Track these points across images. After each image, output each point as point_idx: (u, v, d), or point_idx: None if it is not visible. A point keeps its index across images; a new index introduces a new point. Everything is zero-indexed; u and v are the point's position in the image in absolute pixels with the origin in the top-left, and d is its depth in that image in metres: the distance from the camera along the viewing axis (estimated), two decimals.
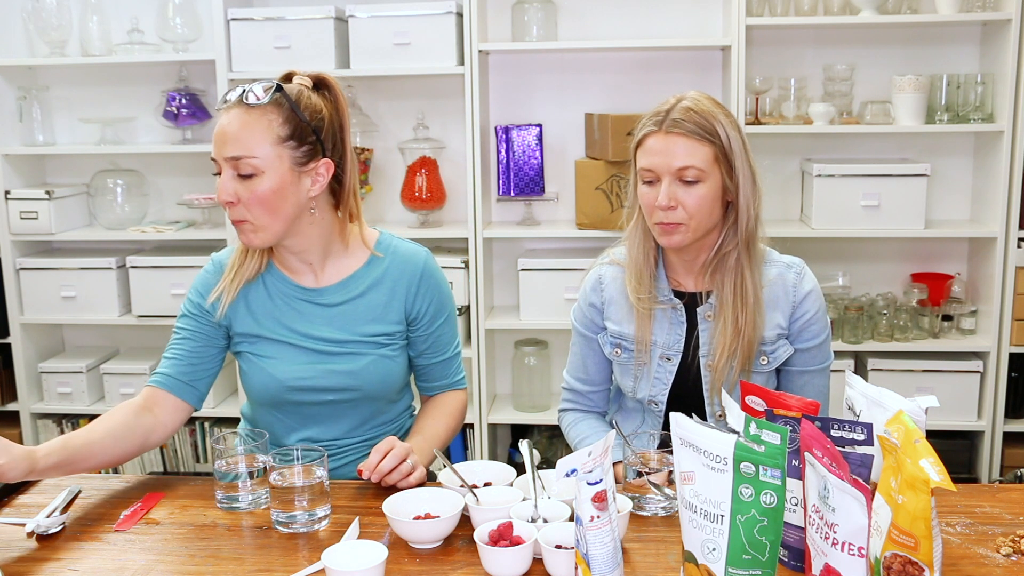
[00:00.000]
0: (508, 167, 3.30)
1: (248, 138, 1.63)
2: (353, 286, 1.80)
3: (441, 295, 1.86)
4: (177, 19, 3.34)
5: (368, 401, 1.82)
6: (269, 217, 1.66)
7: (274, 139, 1.64)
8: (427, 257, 1.86)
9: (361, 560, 1.32)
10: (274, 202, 1.65)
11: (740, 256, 1.78)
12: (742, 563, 1.17)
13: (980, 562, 1.38)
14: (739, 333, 1.78)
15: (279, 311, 1.78)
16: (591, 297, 1.92)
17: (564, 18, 3.36)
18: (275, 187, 1.64)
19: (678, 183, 1.73)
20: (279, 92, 1.65)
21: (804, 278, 1.84)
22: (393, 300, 1.81)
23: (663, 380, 1.85)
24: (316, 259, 1.78)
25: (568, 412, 2.00)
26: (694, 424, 1.20)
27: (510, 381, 3.50)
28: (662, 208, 1.73)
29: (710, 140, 1.73)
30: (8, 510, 1.62)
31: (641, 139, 1.77)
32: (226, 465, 1.62)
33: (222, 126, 1.65)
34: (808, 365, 1.85)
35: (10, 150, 3.44)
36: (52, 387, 3.55)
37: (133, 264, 3.44)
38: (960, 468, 3.32)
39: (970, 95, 3.16)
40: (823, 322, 1.85)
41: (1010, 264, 3.14)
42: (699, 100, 1.76)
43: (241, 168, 1.63)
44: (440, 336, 1.87)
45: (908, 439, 1.11)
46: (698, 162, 1.72)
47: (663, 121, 1.73)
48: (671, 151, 1.72)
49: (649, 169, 1.74)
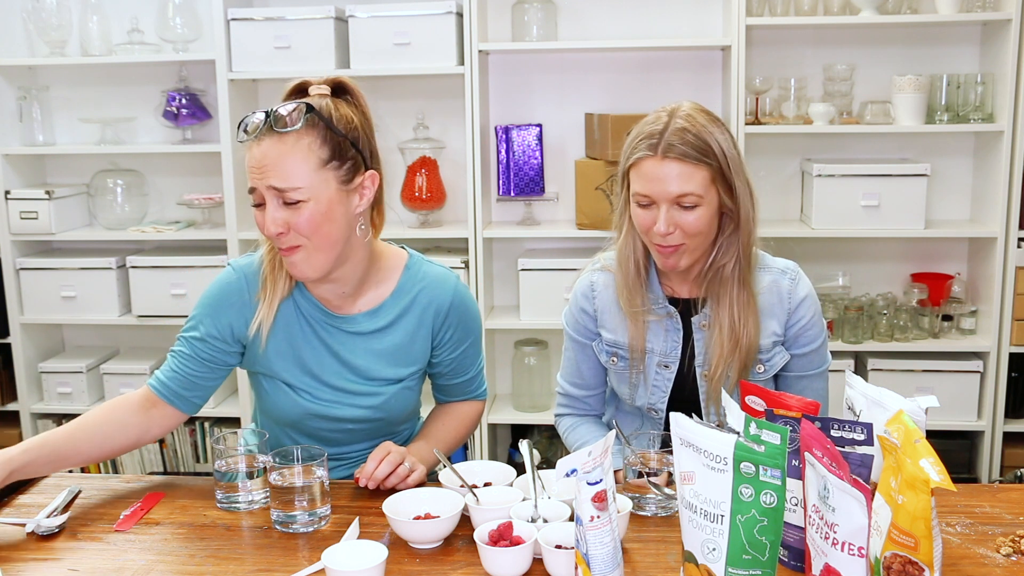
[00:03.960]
0: (508, 167, 3.30)
1: (290, 168, 1.54)
2: (382, 315, 1.73)
3: (468, 322, 1.80)
4: (177, 19, 3.34)
5: (385, 425, 1.81)
6: (320, 239, 1.57)
7: (316, 164, 1.55)
8: (456, 284, 1.79)
9: (361, 560, 1.32)
10: (325, 227, 1.57)
11: (738, 266, 1.75)
12: (742, 563, 1.17)
13: (980, 562, 1.38)
14: (736, 343, 1.75)
15: (307, 337, 1.72)
16: (583, 304, 1.88)
17: (564, 18, 3.36)
18: (325, 211, 1.56)
19: (676, 208, 1.69)
20: (311, 112, 1.56)
21: (799, 284, 1.81)
22: (420, 329, 1.75)
23: (662, 388, 1.84)
24: (350, 285, 1.70)
25: (565, 417, 1.98)
26: (694, 424, 1.20)
27: (510, 381, 3.50)
28: (661, 234, 1.69)
29: (707, 162, 1.67)
30: (8, 510, 1.62)
31: (635, 162, 1.71)
32: (226, 465, 1.62)
33: (257, 157, 1.55)
34: (806, 370, 1.84)
35: (10, 150, 3.44)
36: (52, 387, 3.55)
37: (133, 264, 3.43)
38: (960, 468, 3.32)
39: (970, 95, 3.16)
40: (819, 327, 1.83)
41: (1010, 264, 3.14)
42: (692, 116, 1.69)
43: (285, 198, 1.55)
44: (463, 359, 1.83)
45: (908, 439, 1.11)
46: (695, 188, 1.67)
47: (657, 145, 1.67)
48: (667, 178, 1.66)
49: (645, 195, 1.69)
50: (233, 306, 1.70)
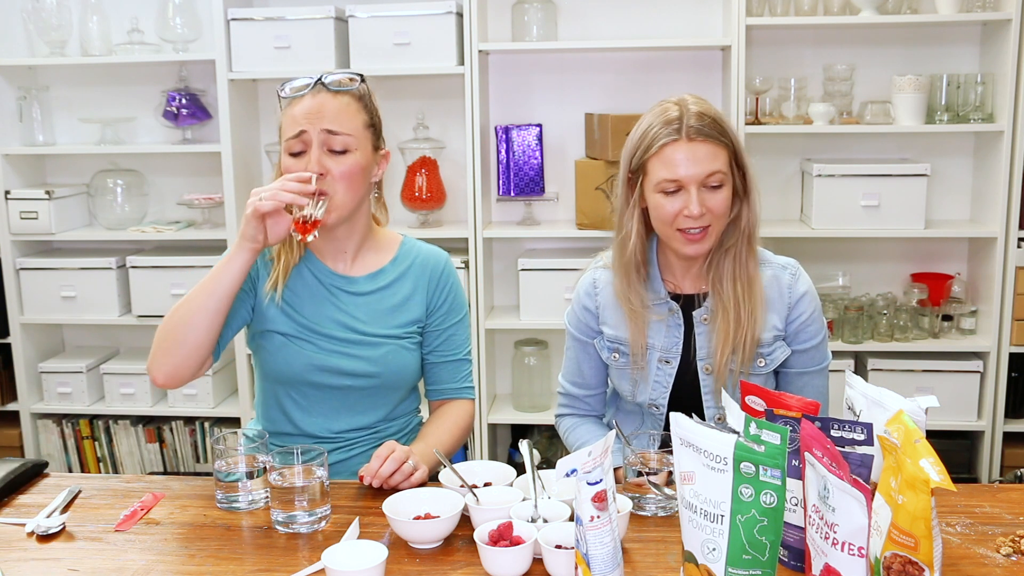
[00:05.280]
0: (508, 167, 3.30)
1: (344, 117, 1.73)
2: (382, 278, 1.88)
3: (458, 295, 1.94)
4: (177, 19, 3.34)
5: (382, 391, 1.86)
6: (349, 194, 1.74)
7: (362, 123, 1.76)
8: (448, 258, 1.94)
9: (361, 560, 1.32)
10: (357, 179, 1.75)
11: (742, 251, 1.78)
12: (742, 563, 1.17)
13: (980, 562, 1.38)
14: (742, 328, 1.77)
15: (315, 296, 1.83)
16: (585, 301, 1.90)
17: (564, 18, 3.36)
18: (363, 165, 1.75)
19: (704, 189, 1.72)
20: (363, 82, 1.78)
21: (799, 279, 1.84)
22: (416, 293, 1.88)
23: (663, 383, 1.85)
24: (352, 248, 1.86)
25: (565, 417, 1.99)
26: (694, 424, 1.20)
27: (510, 381, 3.50)
28: (694, 216, 1.71)
29: (725, 142, 1.73)
30: (8, 510, 1.63)
31: (658, 150, 1.73)
32: (226, 465, 1.62)
33: (313, 106, 1.72)
34: (806, 367, 1.85)
35: (10, 150, 3.44)
36: (52, 387, 3.55)
37: (133, 264, 3.44)
38: (960, 468, 3.32)
39: (970, 95, 3.16)
40: (819, 323, 1.85)
41: (1010, 264, 3.14)
42: (702, 102, 1.75)
43: (334, 143, 1.71)
44: (453, 335, 1.92)
45: (908, 439, 1.11)
46: (722, 165, 1.72)
47: (681, 128, 1.71)
48: (698, 159, 1.70)
49: (674, 179, 1.71)
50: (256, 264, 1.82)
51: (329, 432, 1.85)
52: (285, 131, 1.76)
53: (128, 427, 3.59)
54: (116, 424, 3.59)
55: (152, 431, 3.60)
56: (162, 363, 1.71)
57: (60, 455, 3.61)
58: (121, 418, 3.59)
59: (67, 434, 3.61)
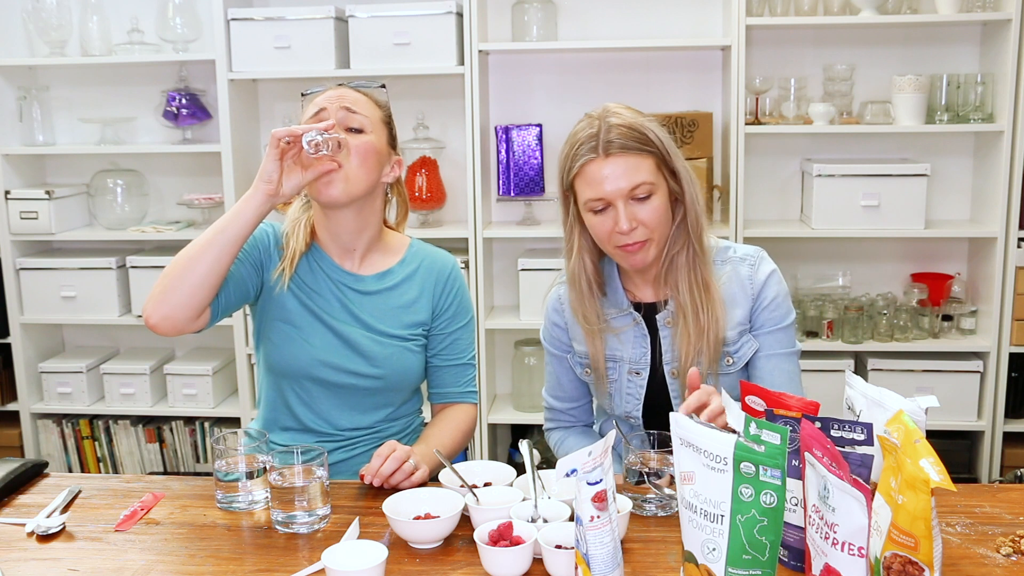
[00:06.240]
0: (508, 167, 3.30)
1: (363, 104, 1.80)
2: (389, 279, 1.89)
3: (464, 300, 1.94)
4: (177, 19, 3.34)
5: (385, 391, 1.87)
6: (363, 170, 1.76)
7: (380, 117, 1.84)
8: (456, 263, 1.96)
9: (361, 560, 1.32)
10: (371, 159, 1.78)
11: (691, 252, 1.75)
12: (742, 563, 1.17)
13: (980, 562, 1.38)
14: (703, 332, 1.74)
15: (322, 290, 1.85)
16: (554, 318, 1.91)
17: (564, 18, 3.36)
18: (375, 146, 1.79)
19: (632, 202, 1.69)
20: (383, 87, 1.88)
21: (759, 267, 1.80)
22: (422, 296, 1.89)
23: (635, 395, 1.84)
24: (361, 248, 1.87)
25: (553, 431, 1.99)
26: (694, 424, 1.20)
27: (510, 381, 3.50)
28: (625, 232, 1.69)
29: (648, 151, 1.69)
30: (8, 510, 1.63)
31: (579, 169, 1.71)
32: (226, 465, 1.62)
33: (332, 93, 1.80)
34: (774, 348, 1.80)
35: (10, 150, 3.44)
36: (52, 387, 3.55)
37: (133, 264, 3.44)
38: (960, 468, 3.32)
39: (970, 95, 3.16)
40: (786, 307, 1.80)
41: (1010, 264, 3.14)
42: (621, 113, 1.71)
43: (352, 121, 1.77)
44: (458, 339, 1.93)
45: (908, 439, 1.11)
46: (647, 176, 1.68)
47: (598, 146, 1.68)
48: (619, 174, 1.67)
49: (599, 198, 1.69)
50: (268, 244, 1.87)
51: (331, 428, 1.86)
52: (304, 117, 1.80)
53: (128, 427, 3.59)
54: (116, 424, 3.59)
55: (152, 431, 3.60)
56: (159, 302, 1.65)
57: (60, 455, 3.61)
58: (121, 418, 3.59)
59: (67, 434, 3.61)
